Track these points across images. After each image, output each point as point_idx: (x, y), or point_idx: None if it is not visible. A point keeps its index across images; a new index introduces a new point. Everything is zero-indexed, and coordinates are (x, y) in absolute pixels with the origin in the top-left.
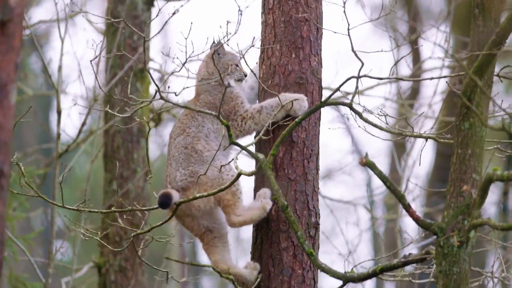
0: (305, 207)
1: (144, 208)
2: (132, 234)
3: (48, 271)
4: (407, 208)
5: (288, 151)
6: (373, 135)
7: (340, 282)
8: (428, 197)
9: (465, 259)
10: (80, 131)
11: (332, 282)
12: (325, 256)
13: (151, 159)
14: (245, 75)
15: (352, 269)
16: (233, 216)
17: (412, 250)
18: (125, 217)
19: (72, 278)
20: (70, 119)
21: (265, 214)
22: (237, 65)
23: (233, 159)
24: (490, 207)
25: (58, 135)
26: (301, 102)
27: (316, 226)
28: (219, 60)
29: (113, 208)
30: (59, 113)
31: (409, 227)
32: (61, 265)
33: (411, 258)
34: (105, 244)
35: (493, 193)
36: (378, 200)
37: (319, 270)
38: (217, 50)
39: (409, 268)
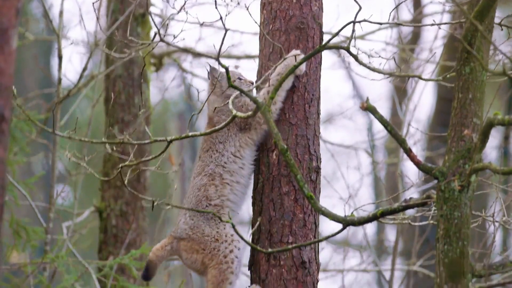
0: (306, 152)
1: (137, 142)
2: (120, 165)
3: (49, 215)
4: (408, 152)
5: (289, 95)
6: (374, 79)
7: (340, 226)
8: (429, 141)
9: (466, 203)
10: (81, 76)
11: (333, 226)
12: (326, 200)
13: (151, 103)
14: (252, 83)
15: (352, 212)
16: None
17: (413, 194)
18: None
19: (73, 223)
20: (71, 64)
21: None
22: (240, 78)
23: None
24: (491, 152)
25: (59, 80)
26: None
27: (317, 170)
28: (221, 80)
29: (115, 151)
30: (60, 58)
31: (410, 171)
32: (62, 209)
33: (412, 202)
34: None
35: (494, 138)
36: (379, 144)
37: (320, 214)
38: (213, 75)
39: (410, 212)
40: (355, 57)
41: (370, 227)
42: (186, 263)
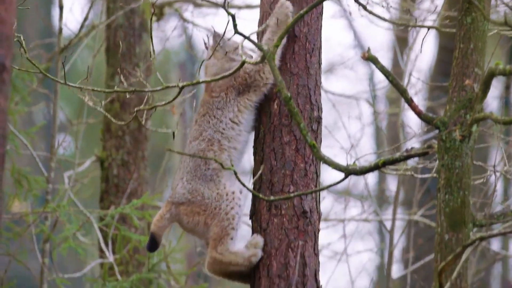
0: (307, 101)
1: (150, 89)
2: (136, 109)
3: (51, 165)
4: (410, 102)
5: (290, 45)
6: (377, 25)
7: (342, 175)
8: (430, 91)
9: (467, 153)
10: (82, 26)
11: (334, 176)
12: (327, 150)
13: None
14: (251, 57)
15: (354, 162)
16: (213, 250)
17: (414, 144)
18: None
19: (75, 172)
20: (72, 14)
21: (249, 266)
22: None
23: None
24: (492, 101)
25: (60, 29)
26: (284, 9)
27: (319, 120)
28: (224, 46)
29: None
30: (61, 8)
31: (412, 121)
32: (63, 159)
33: (413, 152)
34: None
35: (495, 88)
36: (381, 94)
37: (321, 164)
38: (217, 40)
39: (411, 162)
40: (362, 5)
41: (371, 177)
42: (187, 228)
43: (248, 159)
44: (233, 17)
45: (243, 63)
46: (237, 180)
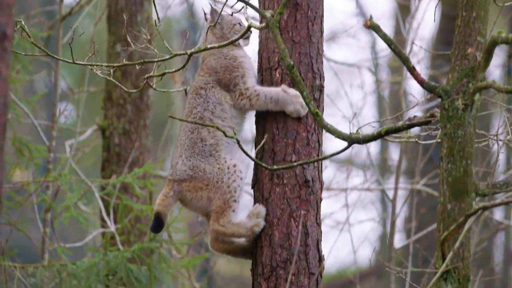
0: (310, 70)
1: (155, 59)
2: (146, 76)
3: (52, 133)
4: (412, 70)
5: (292, 13)
6: None
7: (345, 144)
8: (433, 60)
9: (470, 122)
10: None
11: (336, 145)
12: (329, 118)
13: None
14: (251, 32)
15: (357, 130)
16: (215, 223)
17: (416, 113)
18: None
19: (76, 141)
20: None
21: (252, 236)
22: (240, 24)
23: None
24: (494, 70)
25: None
26: (298, 105)
27: (321, 88)
28: (221, 22)
29: (118, 71)
30: None
31: (414, 89)
32: (64, 127)
33: (416, 121)
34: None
35: (498, 56)
36: (383, 62)
37: (323, 133)
38: (214, 16)
39: (414, 131)
40: None
41: (374, 146)
42: (190, 205)
43: (250, 128)
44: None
45: (249, 27)
46: (237, 153)
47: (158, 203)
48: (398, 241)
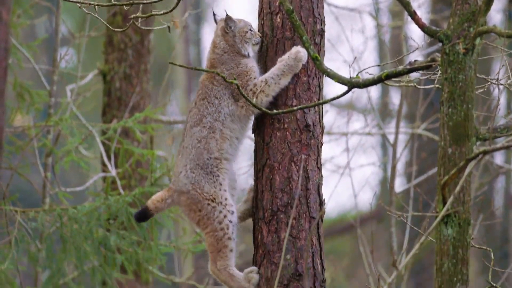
0: (310, 14)
1: (148, 1)
2: (132, 16)
3: (53, 78)
4: (413, 15)
5: None
6: None
7: (345, 88)
8: (434, 4)
9: (471, 66)
10: None
11: (337, 89)
12: (330, 63)
13: None
14: (261, 37)
15: (357, 75)
16: (213, 264)
17: (417, 57)
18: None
19: (77, 86)
20: None
21: None
22: (251, 30)
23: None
24: (495, 15)
25: None
26: (300, 56)
27: (321, 33)
28: (234, 30)
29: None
30: None
31: (415, 34)
32: (65, 72)
33: (417, 65)
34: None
35: (498, 1)
36: (384, 7)
37: (324, 77)
38: (228, 23)
39: (414, 75)
40: None
41: (374, 90)
42: (185, 214)
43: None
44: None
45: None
46: (229, 184)
47: (153, 201)
48: (399, 185)
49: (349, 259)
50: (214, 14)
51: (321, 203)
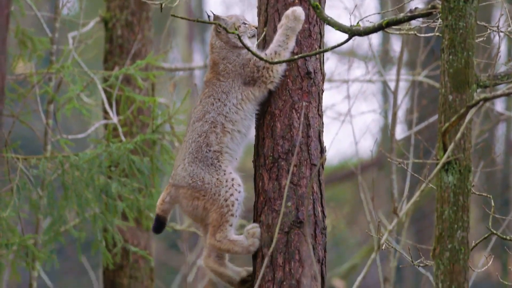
0: None
1: None
2: None
3: (55, 25)
4: None
5: None
6: None
7: (346, 36)
8: None
9: (471, 13)
10: None
11: (338, 37)
12: (331, 11)
13: None
14: (256, 28)
15: (358, 23)
16: (212, 237)
17: (418, 4)
18: None
19: (79, 33)
20: None
21: (247, 254)
22: (244, 23)
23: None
24: None
25: None
26: (297, 14)
27: None
28: (226, 27)
29: None
30: None
31: None
32: (67, 19)
33: (417, 12)
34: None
35: None
36: None
37: (325, 25)
38: (217, 24)
39: (415, 22)
40: None
41: (375, 38)
42: (186, 211)
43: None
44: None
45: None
46: (236, 160)
47: (158, 207)
48: (400, 132)
49: (350, 206)
50: (208, 17)
51: (322, 150)
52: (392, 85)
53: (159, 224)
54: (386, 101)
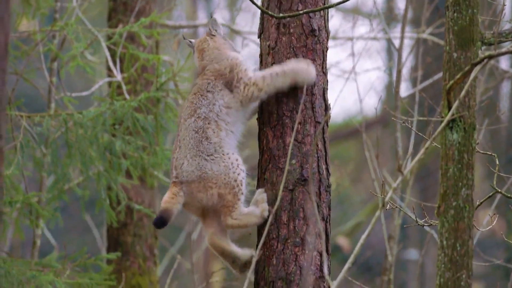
0: None
1: None
2: None
3: None
4: None
5: None
6: None
7: None
8: None
9: None
10: None
11: None
12: None
13: None
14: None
15: None
16: (228, 218)
17: None
18: None
19: None
20: None
21: (263, 221)
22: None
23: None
24: None
25: None
26: (308, 69)
27: None
28: (220, 32)
29: None
30: None
31: None
32: None
33: None
34: None
35: None
36: None
37: None
38: (214, 27)
39: None
40: None
41: None
42: (201, 203)
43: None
44: None
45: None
46: (237, 148)
47: (167, 200)
48: (404, 90)
49: (354, 164)
50: (184, 37)
51: (327, 108)
52: (396, 42)
53: (164, 220)
54: (391, 59)
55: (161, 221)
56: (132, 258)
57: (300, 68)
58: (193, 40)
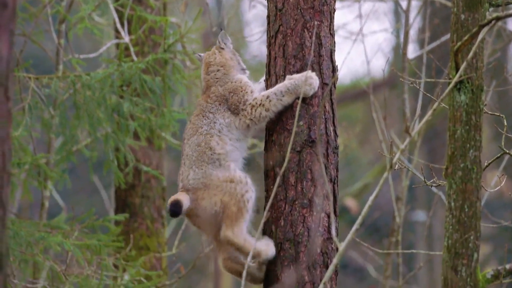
0: None
1: None
2: None
3: None
4: None
5: None
6: None
7: None
8: None
9: None
10: None
11: None
12: None
13: None
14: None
15: None
16: (228, 231)
17: None
18: None
19: None
20: None
21: (253, 257)
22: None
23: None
24: None
25: None
26: (310, 81)
27: None
28: (229, 45)
29: None
30: None
31: None
32: None
33: None
34: None
35: None
36: None
37: None
38: (223, 39)
39: None
40: None
41: None
42: (206, 212)
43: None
44: None
45: None
46: (244, 151)
47: (174, 196)
48: (412, 51)
49: (362, 126)
50: (194, 52)
51: (334, 69)
52: (404, 4)
53: (177, 209)
54: (398, 20)
55: (174, 211)
56: (140, 219)
57: (303, 83)
58: (202, 54)
